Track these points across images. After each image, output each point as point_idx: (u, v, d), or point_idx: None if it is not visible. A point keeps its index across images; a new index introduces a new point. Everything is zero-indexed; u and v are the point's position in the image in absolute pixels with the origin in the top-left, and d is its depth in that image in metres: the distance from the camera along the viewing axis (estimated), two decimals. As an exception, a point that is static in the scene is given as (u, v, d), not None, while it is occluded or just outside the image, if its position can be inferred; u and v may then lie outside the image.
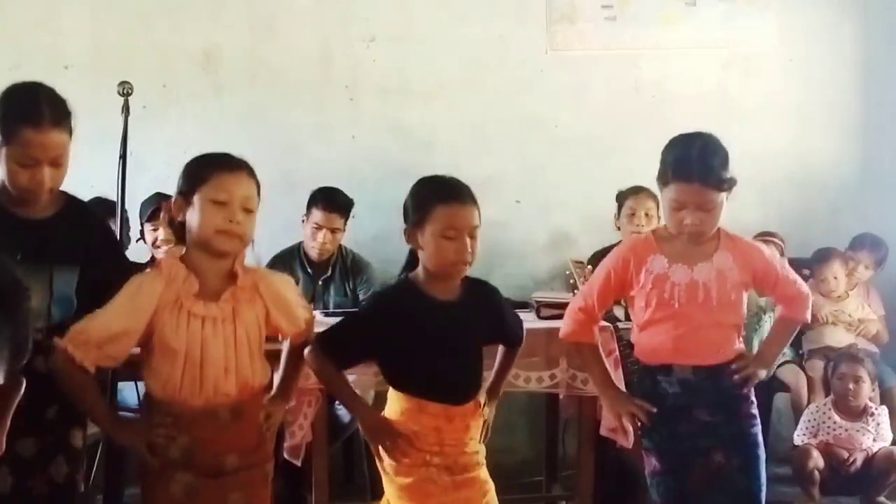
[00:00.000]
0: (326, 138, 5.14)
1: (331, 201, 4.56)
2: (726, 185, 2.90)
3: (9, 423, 0.95)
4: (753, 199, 5.29)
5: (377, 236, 5.09)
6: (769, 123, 5.44)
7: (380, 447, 2.79)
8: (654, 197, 4.67)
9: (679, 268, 2.95)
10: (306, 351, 2.80)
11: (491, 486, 2.86)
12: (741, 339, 3.07)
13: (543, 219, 5.24)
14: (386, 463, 2.79)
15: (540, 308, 3.75)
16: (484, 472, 2.86)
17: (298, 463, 3.73)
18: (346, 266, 4.68)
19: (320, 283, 4.66)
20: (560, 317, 3.65)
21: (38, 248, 2.63)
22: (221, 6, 5.13)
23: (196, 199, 2.58)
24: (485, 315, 2.86)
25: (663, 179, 2.95)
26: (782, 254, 4.89)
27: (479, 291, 2.87)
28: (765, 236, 4.69)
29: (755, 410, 3.04)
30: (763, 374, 3.12)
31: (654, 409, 2.99)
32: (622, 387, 3.34)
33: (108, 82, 3.83)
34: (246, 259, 2.71)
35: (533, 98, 5.28)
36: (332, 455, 4.30)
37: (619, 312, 4.19)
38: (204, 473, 2.61)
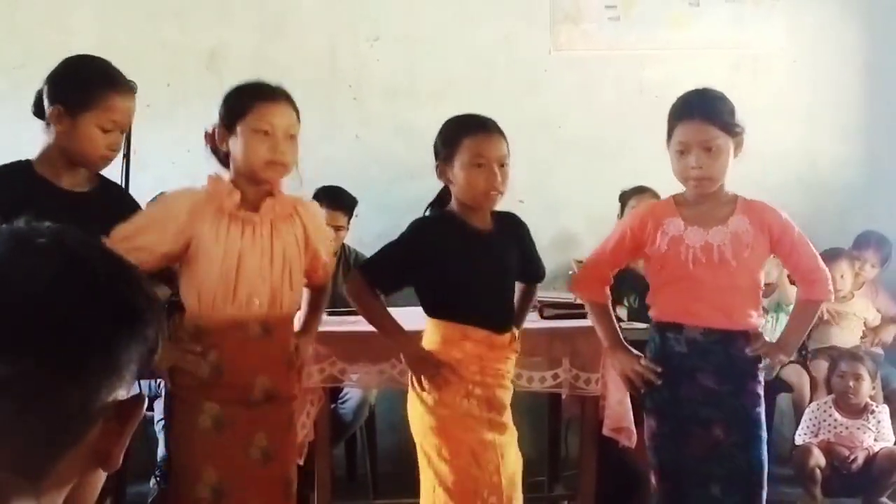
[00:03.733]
0: (332, 138, 5.14)
1: (334, 199, 4.57)
2: (729, 126, 2.92)
3: (128, 441, 0.96)
4: (760, 199, 5.27)
5: (381, 235, 5.05)
6: (776, 125, 5.42)
7: (418, 380, 2.85)
8: (657, 197, 4.66)
9: (694, 230, 2.97)
10: (347, 283, 2.90)
11: (514, 431, 2.94)
12: (761, 313, 3.06)
13: (548, 219, 5.23)
14: (426, 396, 2.84)
15: (543, 308, 3.75)
16: (510, 416, 2.93)
17: (301, 462, 3.73)
18: (350, 265, 4.68)
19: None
20: (563, 317, 3.67)
21: (79, 218, 2.65)
22: (228, 6, 5.14)
23: (239, 129, 2.66)
24: (516, 246, 2.98)
25: (668, 130, 2.99)
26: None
27: (510, 223, 3.00)
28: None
29: (761, 391, 3.03)
30: (784, 358, 3.11)
31: (659, 369, 3.00)
32: (623, 386, 3.34)
33: (113, 81, 3.83)
34: (291, 184, 2.82)
35: (537, 99, 5.28)
36: (335, 454, 4.31)
37: (621, 312, 4.19)
38: (233, 400, 2.66)
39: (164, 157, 4.87)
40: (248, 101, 2.68)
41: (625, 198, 4.77)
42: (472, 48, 5.25)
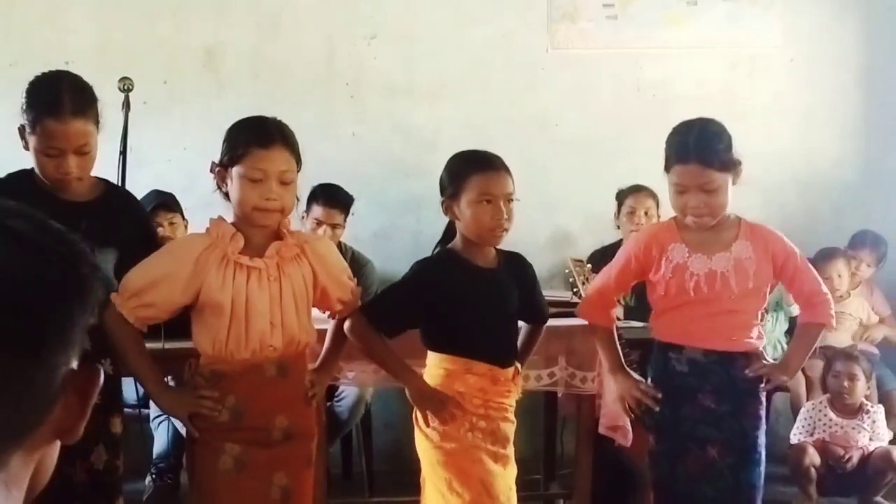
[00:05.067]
0: (329, 136, 5.14)
1: (331, 197, 4.57)
2: (727, 165, 2.91)
3: (89, 412, 0.97)
4: (757, 199, 5.27)
5: (378, 234, 5.10)
6: (772, 124, 5.43)
7: (423, 415, 2.85)
8: (653, 196, 4.67)
9: (698, 258, 2.97)
10: (348, 321, 2.85)
11: (515, 470, 2.95)
12: (761, 334, 3.07)
13: (545, 217, 5.23)
14: (430, 431, 2.85)
15: (547, 311, 3.75)
16: (512, 452, 2.94)
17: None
18: (346, 263, 4.68)
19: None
20: (560, 315, 3.66)
21: (82, 228, 2.64)
22: (225, 4, 5.13)
23: (234, 174, 2.64)
24: (519, 285, 2.98)
25: (666, 166, 2.98)
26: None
27: (515, 262, 3.01)
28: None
29: (762, 413, 3.05)
30: (786, 379, 3.14)
31: (659, 395, 3.02)
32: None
33: (110, 78, 3.83)
34: (291, 224, 2.79)
35: (535, 97, 5.28)
36: (331, 452, 4.31)
37: (618, 311, 4.19)
38: (253, 441, 2.66)
39: (160, 155, 4.87)
40: (242, 147, 2.65)
41: (621, 196, 4.78)
42: (469, 46, 5.24)
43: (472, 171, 2.86)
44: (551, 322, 3.63)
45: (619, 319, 3.91)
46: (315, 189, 4.58)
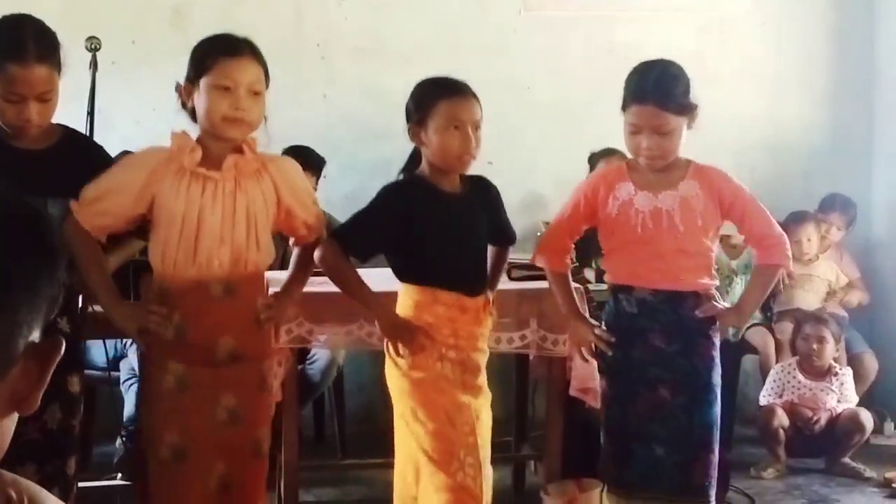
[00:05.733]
0: (299, 98, 5.09)
1: (303, 159, 4.52)
2: (683, 109, 2.92)
3: (47, 381, 0.97)
4: (727, 163, 5.22)
5: (349, 196, 5.06)
6: (743, 88, 5.44)
7: (394, 345, 2.84)
8: (625, 159, 4.66)
9: (644, 195, 2.99)
10: (318, 250, 2.83)
11: (489, 395, 2.96)
12: (713, 276, 3.08)
13: (517, 181, 5.21)
14: (400, 360, 2.84)
15: (511, 269, 3.75)
16: (485, 378, 2.94)
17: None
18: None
19: (291, 241, 4.64)
20: (531, 278, 3.67)
21: (33, 178, 2.59)
22: (193, -38, 5.06)
23: (202, 84, 2.62)
24: (486, 209, 2.97)
25: (623, 104, 2.99)
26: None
27: (480, 186, 2.99)
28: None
29: (715, 352, 3.05)
30: (737, 322, 3.14)
31: (613, 339, 3.04)
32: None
33: (77, 37, 3.77)
34: (258, 141, 2.75)
35: (507, 60, 5.26)
36: (303, 415, 4.31)
37: (589, 275, 4.21)
38: (197, 360, 2.64)
39: (129, 116, 4.81)
40: (211, 57, 2.63)
41: (594, 160, 4.77)
42: (441, 8, 5.21)
43: (440, 96, 2.84)
44: (523, 285, 3.65)
45: (589, 282, 3.93)
46: (286, 151, 4.53)
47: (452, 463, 2.80)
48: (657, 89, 2.89)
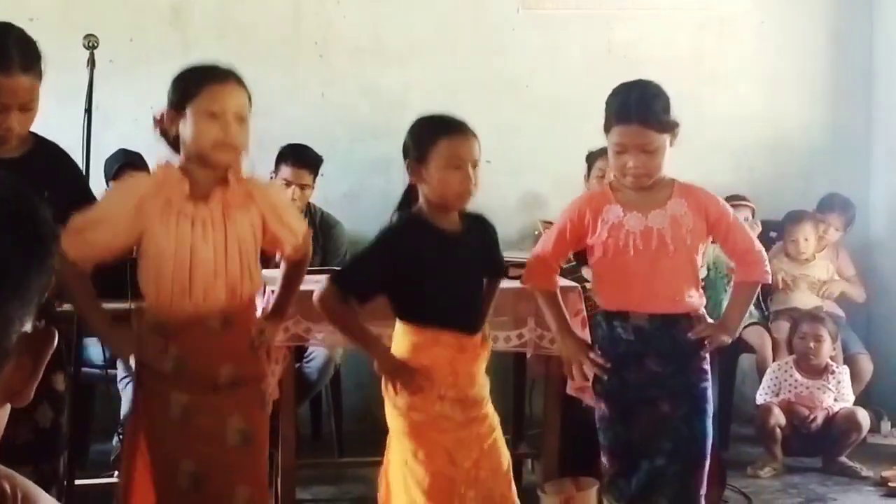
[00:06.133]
0: (296, 97, 5.10)
1: (300, 157, 4.54)
2: (666, 126, 2.94)
3: (41, 373, 0.96)
4: (725, 163, 5.31)
5: (347, 195, 5.08)
6: (742, 87, 5.44)
7: (393, 386, 2.83)
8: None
9: (633, 216, 3.00)
10: (317, 292, 2.83)
11: (497, 420, 2.96)
12: (701, 294, 3.11)
13: (514, 179, 5.23)
14: (399, 401, 2.84)
15: (508, 268, 3.75)
16: (490, 407, 2.95)
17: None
18: (316, 224, 4.65)
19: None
20: (529, 277, 3.67)
21: None
22: (191, -39, 5.06)
23: (189, 111, 2.60)
24: (483, 246, 2.98)
25: (606, 126, 3.00)
26: (753, 217, 4.92)
27: (478, 223, 2.99)
28: (735, 201, 4.71)
29: (706, 366, 3.09)
30: (727, 339, 3.16)
31: (608, 365, 3.05)
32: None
33: (75, 36, 3.78)
34: (242, 168, 2.75)
35: (504, 58, 5.26)
36: (300, 413, 4.31)
37: (587, 273, 4.20)
38: (199, 389, 2.64)
39: (126, 115, 4.80)
40: (197, 84, 2.63)
41: (591, 159, 4.75)
42: (438, 6, 5.20)
43: (440, 135, 2.83)
44: (521, 284, 3.64)
45: (587, 281, 3.92)
46: (283, 149, 4.55)
47: (453, 501, 2.81)
48: (640, 108, 2.91)
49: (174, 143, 2.69)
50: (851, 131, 5.56)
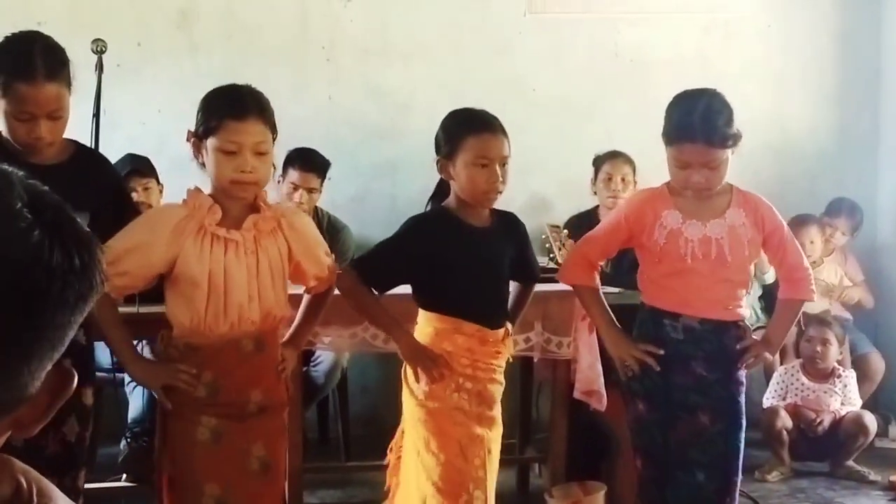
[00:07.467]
0: (303, 99, 5.09)
1: (308, 161, 4.54)
2: (731, 141, 2.90)
3: (53, 413, 0.94)
4: (732, 165, 5.24)
5: (354, 198, 5.08)
6: (748, 89, 5.41)
7: (414, 371, 2.85)
8: (630, 162, 4.67)
9: (692, 224, 2.97)
10: (339, 278, 2.84)
11: (501, 430, 2.97)
12: (745, 303, 3.10)
13: (521, 182, 5.18)
14: (417, 387, 2.85)
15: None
16: (500, 412, 2.96)
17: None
18: (323, 227, 4.65)
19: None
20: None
21: (54, 191, 2.58)
22: (198, -36, 5.06)
23: (208, 145, 2.61)
24: (512, 245, 2.98)
25: (667, 138, 2.95)
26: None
27: (508, 221, 3.00)
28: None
29: (744, 378, 3.09)
30: (769, 356, 3.16)
31: (661, 352, 3.01)
32: (595, 350, 3.37)
33: (83, 40, 3.77)
34: (268, 193, 2.78)
35: (511, 61, 5.25)
36: (307, 416, 4.31)
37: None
38: (229, 414, 2.65)
39: (134, 118, 4.82)
40: (216, 119, 2.62)
41: (598, 162, 4.76)
42: (445, 9, 5.20)
43: (469, 132, 2.83)
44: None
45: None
46: (291, 153, 4.55)
47: (462, 496, 2.81)
48: (705, 127, 2.86)
49: (204, 164, 2.69)
50: (858, 134, 5.55)
